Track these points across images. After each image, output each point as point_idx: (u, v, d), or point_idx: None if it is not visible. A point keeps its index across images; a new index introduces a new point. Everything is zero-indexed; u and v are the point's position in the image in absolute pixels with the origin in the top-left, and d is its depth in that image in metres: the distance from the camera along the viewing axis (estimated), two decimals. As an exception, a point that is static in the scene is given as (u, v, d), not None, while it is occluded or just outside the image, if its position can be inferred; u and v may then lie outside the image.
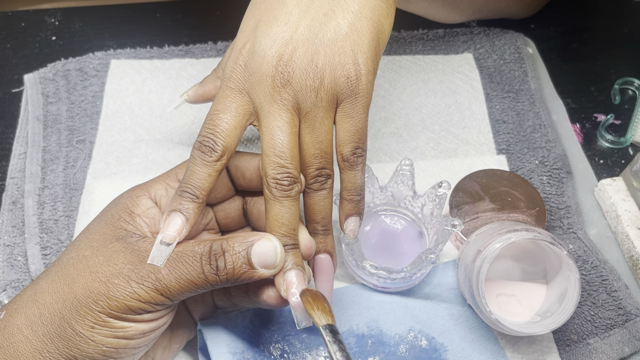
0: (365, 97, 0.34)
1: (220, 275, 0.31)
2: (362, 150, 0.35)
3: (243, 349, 0.37)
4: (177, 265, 0.31)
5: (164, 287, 0.31)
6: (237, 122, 0.33)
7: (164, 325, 0.33)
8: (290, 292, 0.32)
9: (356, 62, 0.33)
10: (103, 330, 0.30)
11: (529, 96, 0.55)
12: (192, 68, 0.57)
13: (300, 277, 0.32)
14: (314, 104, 0.33)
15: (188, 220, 0.32)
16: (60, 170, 0.49)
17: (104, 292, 0.30)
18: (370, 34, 0.34)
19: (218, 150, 0.32)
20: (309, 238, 0.35)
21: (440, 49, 0.59)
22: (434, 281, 0.44)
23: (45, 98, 0.54)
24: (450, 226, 0.39)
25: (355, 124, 0.34)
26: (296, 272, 0.33)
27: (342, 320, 0.40)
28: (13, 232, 0.46)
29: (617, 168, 0.52)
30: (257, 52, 0.33)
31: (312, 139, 0.34)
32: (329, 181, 0.35)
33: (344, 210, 0.37)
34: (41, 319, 0.31)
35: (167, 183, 0.35)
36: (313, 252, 0.35)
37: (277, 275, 0.33)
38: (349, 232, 0.37)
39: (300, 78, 0.33)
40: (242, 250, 0.31)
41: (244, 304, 0.37)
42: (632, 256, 0.45)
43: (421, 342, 0.40)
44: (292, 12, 0.34)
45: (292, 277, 0.32)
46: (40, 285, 0.32)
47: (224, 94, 0.34)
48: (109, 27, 0.61)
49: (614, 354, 0.41)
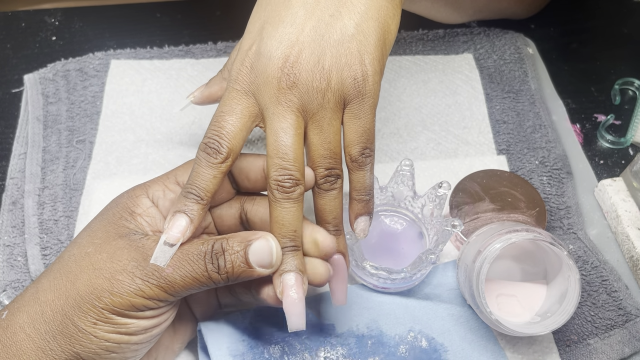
0: (372, 97, 0.34)
1: (221, 274, 0.31)
2: (370, 150, 0.35)
3: (243, 349, 0.37)
4: (182, 263, 0.31)
5: (168, 284, 0.31)
6: (242, 124, 0.33)
7: (166, 321, 0.33)
8: (284, 294, 0.32)
9: (363, 63, 0.33)
10: (106, 326, 0.30)
11: (529, 96, 0.55)
12: (192, 68, 0.57)
13: (297, 280, 0.32)
14: (320, 105, 0.33)
15: (192, 222, 0.32)
16: (60, 171, 0.49)
17: (107, 289, 0.30)
18: (376, 35, 0.34)
19: (223, 152, 0.32)
20: (328, 237, 0.34)
21: (440, 49, 0.59)
22: (434, 281, 0.44)
23: (45, 98, 0.54)
24: (451, 226, 0.39)
25: (363, 125, 0.34)
26: (293, 274, 0.32)
27: (342, 321, 0.40)
28: (13, 232, 0.46)
29: (617, 168, 0.52)
30: (263, 53, 0.33)
31: (321, 140, 0.34)
32: (339, 181, 0.35)
33: (354, 210, 0.37)
34: (43, 316, 0.31)
35: (166, 185, 0.35)
36: (333, 250, 0.35)
37: (275, 276, 0.33)
38: (359, 231, 0.37)
39: (307, 80, 0.33)
40: (240, 249, 0.32)
41: (247, 300, 0.37)
42: (632, 257, 0.45)
43: (421, 343, 0.40)
44: (298, 13, 0.34)
45: (287, 280, 0.32)
46: (42, 283, 0.32)
47: (229, 96, 0.34)
48: (109, 27, 0.61)
49: (614, 355, 0.41)
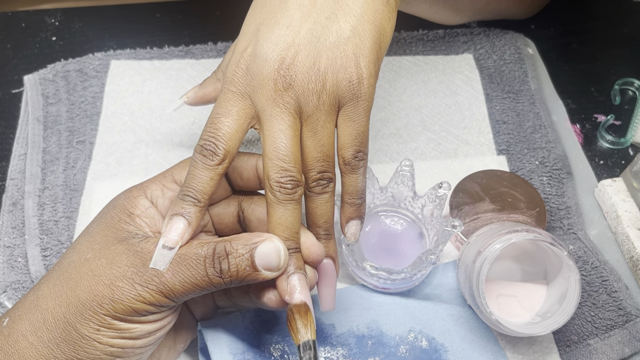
0: (367, 100, 0.34)
1: (224, 278, 0.31)
2: (363, 154, 0.35)
3: (243, 349, 0.37)
4: (181, 268, 0.31)
5: (168, 289, 0.31)
6: (238, 126, 0.33)
7: (169, 324, 0.33)
8: (293, 296, 0.32)
9: (358, 66, 0.33)
10: (109, 332, 0.30)
11: (529, 97, 0.55)
12: (192, 69, 0.57)
13: (303, 282, 0.32)
14: (315, 107, 0.33)
15: (190, 224, 0.32)
16: (60, 172, 0.49)
17: (108, 295, 0.30)
18: (372, 38, 0.34)
19: (220, 154, 0.32)
20: (316, 243, 0.34)
21: (440, 49, 0.59)
22: (434, 282, 0.44)
23: (45, 99, 0.54)
24: (451, 227, 0.39)
25: (357, 128, 0.34)
26: (299, 276, 0.32)
27: (342, 321, 0.40)
28: (13, 233, 0.46)
29: (617, 169, 0.52)
30: (259, 55, 0.33)
31: (314, 143, 0.34)
32: (331, 185, 0.35)
33: (345, 213, 0.37)
34: (45, 324, 0.31)
35: (163, 184, 0.35)
36: (322, 257, 0.35)
37: (280, 280, 0.33)
38: (350, 235, 0.37)
39: (302, 81, 0.33)
40: (245, 252, 0.31)
41: (244, 304, 0.37)
42: (633, 257, 0.45)
43: (421, 343, 0.40)
44: (294, 15, 0.34)
45: (295, 282, 0.32)
46: (42, 290, 0.32)
47: (225, 98, 0.34)
48: (109, 28, 0.61)
49: (614, 355, 0.41)
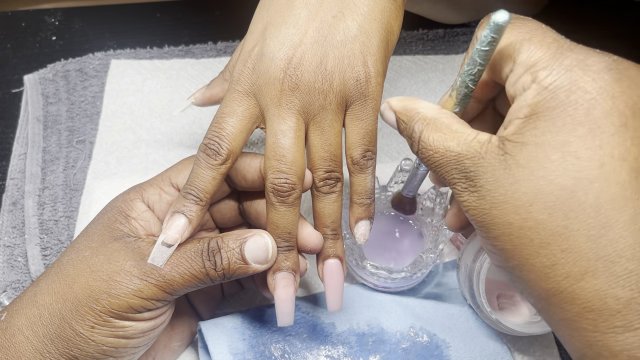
0: (374, 99, 0.34)
1: (218, 271, 0.32)
2: (372, 153, 0.35)
3: (244, 349, 0.37)
4: (180, 260, 0.31)
5: (167, 282, 0.31)
6: (243, 126, 0.33)
7: (163, 323, 0.33)
8: (275, 293, 0.33)
9: (365, 65, 0.33)
10: (103, 330, 0.31)
11: (529, 96, 0.55)
12: (192, 68, 0.57)
13: (289, 279, 0.33)
14: (322, 107, 0.33)
15: (191, 223, 0.32)
16: (60, 171, 0.49)
17: (105, 290, 0.30)
18: (379, 36, 0.34)
19: (223, 153, 0.32)
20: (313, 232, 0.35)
21: (440, 49, 0.59)
22: (435, 281, 0.44)
23: (45, 99, 0.54)
24: (451, 226, 0.39)
25: (365, 127, 0.34)
26: (284, 274, 0.33)
27: (343, 319, 0.40)
28: (13, 232, 0.46)
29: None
30: (265, 55, 0.33)
31: (321, 142, 0.34)
32: (339, 184, 0.35)
33: (355, 214, 0.36)
34: (41, 319, 0.31)
35: (161, 188, 0.35)
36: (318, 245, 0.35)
37: (268, 274, 0.34)
38: (360, 236, 0.36)
39: (309, 81, 0.33)
40: (236, 247, 0.32)
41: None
42: (632, 256, 0.45)
43: (422, 339, 0.39)
44: (300, 14, 0.33)
45: (278, 279, 0.33)
46: (40, 287, 0.32)
47: (231, 97, 0.34)
48: (109, 27, 0.61)
49: (614, 354, 0.41)
